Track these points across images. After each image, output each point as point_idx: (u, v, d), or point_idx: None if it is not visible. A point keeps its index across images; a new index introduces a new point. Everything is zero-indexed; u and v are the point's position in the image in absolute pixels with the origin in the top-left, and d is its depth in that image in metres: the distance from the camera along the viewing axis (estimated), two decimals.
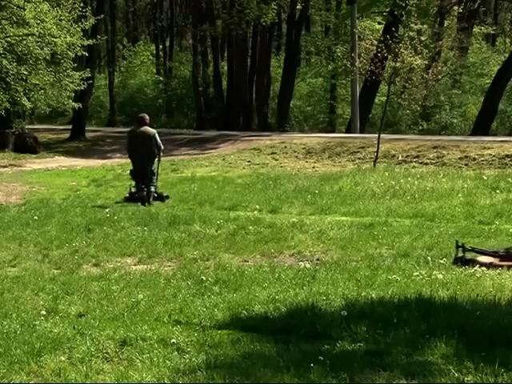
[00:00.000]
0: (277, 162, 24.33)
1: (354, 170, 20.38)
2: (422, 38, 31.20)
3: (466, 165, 20.94)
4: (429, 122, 38.32)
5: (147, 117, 16.15)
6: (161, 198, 15.81)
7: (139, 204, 15.19)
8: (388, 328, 5.70)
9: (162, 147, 16.00)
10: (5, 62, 25.55)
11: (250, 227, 11.91)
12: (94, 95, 43.26)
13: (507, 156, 20.97)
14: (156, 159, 15.92)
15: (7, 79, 26.10)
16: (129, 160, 16.74)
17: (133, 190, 15.90)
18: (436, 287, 7.22)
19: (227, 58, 41.31)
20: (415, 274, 7.96)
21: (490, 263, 8.79)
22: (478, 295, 6.81)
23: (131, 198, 15.68)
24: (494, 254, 9.14)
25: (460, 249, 9.07)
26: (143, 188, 15.45)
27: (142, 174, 15.72)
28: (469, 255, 9.04)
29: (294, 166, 23.46)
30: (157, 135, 15.76)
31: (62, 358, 5.29)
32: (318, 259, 9.72)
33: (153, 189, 15.67)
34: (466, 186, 16.27)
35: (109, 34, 43.40)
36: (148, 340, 5.62)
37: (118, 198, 16.47)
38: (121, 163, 24.55)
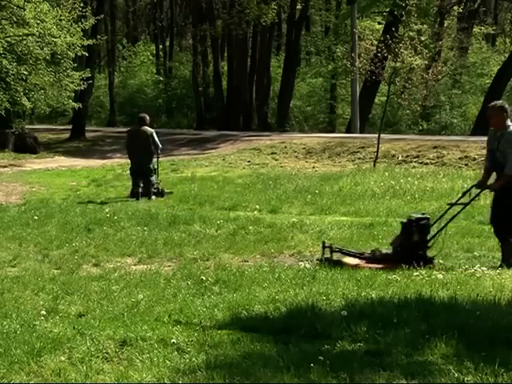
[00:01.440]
0: (277, 162, 24.34)
1: (354, 170, 20.39)
2: (422, 38, 31.21)
3: (466, 165, 20.94)
4: (429, 122, 38.35)
5: (147, 117, 16.95)
6: (161, 193, 16.51)
7: (135, 199, 16.01)
8: (388, 328, 5.69)
9: (160, 146, 16.78)
10: (5, 62, 25.56)
11: (250, 227, 11.91)
12: (94, 95, 43.28)
13: None
14: (154, 157, 16.72)
15: (7, 79, 26.12)
16: (129, 160, 17.37)
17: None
18: (436, 287, 7.22)
19: (227, 58, 41.34)
20: (415, 274, 7.95)
21: (356, 265, 8.76)
22: (478, 295, 6.80)
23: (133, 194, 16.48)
24: (360, 256, 9.09)
25: (327, 249, 9.01)
26: (139, 185, 16.32)
27: (140, 171, 16.52)
28: (336, 256, 9.03)
29: (294, 166, 23.47)
30: (154, 134, 16.51)
31: (62, 358, 5.28)
32: (318, 259, 9.72)
33: (150, 185, 16.37)
34: (466, 186, 16.25)
35: (109, 34, 43.45)
36: (148, 340, 5.61)
37: (118, 198, 16.52)
38: (121, 163, 24.55)
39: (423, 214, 9.60)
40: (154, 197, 16.25)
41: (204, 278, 7.98)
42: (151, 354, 5.35)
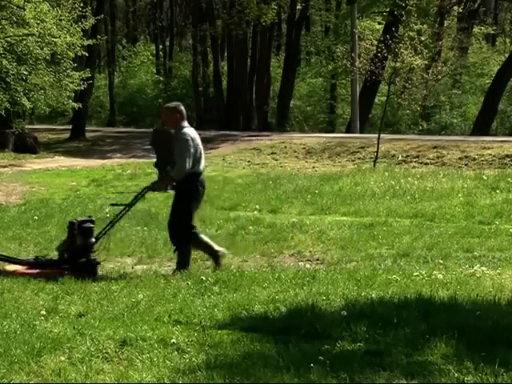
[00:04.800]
0: (277, 162, 24.33)
1: (354, 170, 20.39)
2: (422, 38, 31.24)
3: (466, 165, 20.95)
4: (429, 122, 38.33)
5: None
6: None
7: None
8: (388, 328, 5.69)
9: None
10: (5, 62, 25.53)
11: (250, 227, 11.90)
12: (94, 95, 43.25)
13: (507, 156, 20.99)
14: None
15: (7, 79, 26.09)
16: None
17: None
18: (436, 287, 7.22)
19: (227, 58, 41.33)
20: (415, 274, 7.95)
21: (14, 271, 8.52)
22: (477, 295, 6.81)
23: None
24: (21, 262, 8.85)
25: None
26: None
27: (164, 165, 17.96)
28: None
29: (293, 166, 23.47)
30: None
31: (62, 358, 5.28)
32: (317, 259, 9.72)
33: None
34: (465, 185, 16.27)
35: (109, 34, 43.43)
36: (148, 340, 5.61)
37: (118, 198, 16.51)
38: (121, 163, 24.54)
39: (90, 217, 9.35)
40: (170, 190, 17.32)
41: (204, 278, 7.97)
42: (151, 353, 5.35)
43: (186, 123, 8.92)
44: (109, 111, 46.74)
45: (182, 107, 9.06)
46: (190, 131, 8.88)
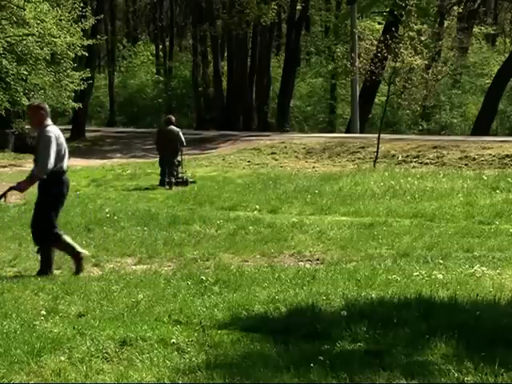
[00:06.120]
0: (277, 162, 24.34)
1: (354, 170, 20.40)
2: (422, 38, 31.24)
3: (466, 165, 20.98)
4: (429, 122, 38.37)
5: (173, 118, 19.73)
6: (185, 182, 18.62)
7: (167, 187, 18.21)
8: (388, 328, 5.69)
9: (185, 143, 19.16)
10: (5, 62, 25.55)
11: (250, 227, 11.90)
12: (93, 95, 43.27)
13: (507, 156, 21.00)
14: (179, 152, 19.10)
15: (7, 79, 26.10)
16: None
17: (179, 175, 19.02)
18: (436, 287, 7.22)
19: (227, 58, 41.34)
20: (415, 273, 7.95)
21: None
22: (477, 295, 6.81)
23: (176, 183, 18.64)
24: None
25: None
26: (167, 174, 18.59)
27: (167, 164, 18.80)
28: None
29: (294, 166, 23.48)
30: (181, 133, 18.96)
31: (62, 358, 5.28)
32: (318, 259, 9.72)
33: (174, 174, 18.63)
34: (465, 185, 16.28)
35: (109, 34, 43.49)
36: (148, 340, 5.61)
37: (117, 198, 16.51)
38: (121, 163, 24.54)
39: None
40: (173, 186, 18.19)
41: (204, 278, 7.96)
42: (151, 353, 5.35)
43: (49, 121, 8.84)
44: (109, 111, 46.78)
45: (46, 105, 9.03)
46: (53, 129, 8.78)
